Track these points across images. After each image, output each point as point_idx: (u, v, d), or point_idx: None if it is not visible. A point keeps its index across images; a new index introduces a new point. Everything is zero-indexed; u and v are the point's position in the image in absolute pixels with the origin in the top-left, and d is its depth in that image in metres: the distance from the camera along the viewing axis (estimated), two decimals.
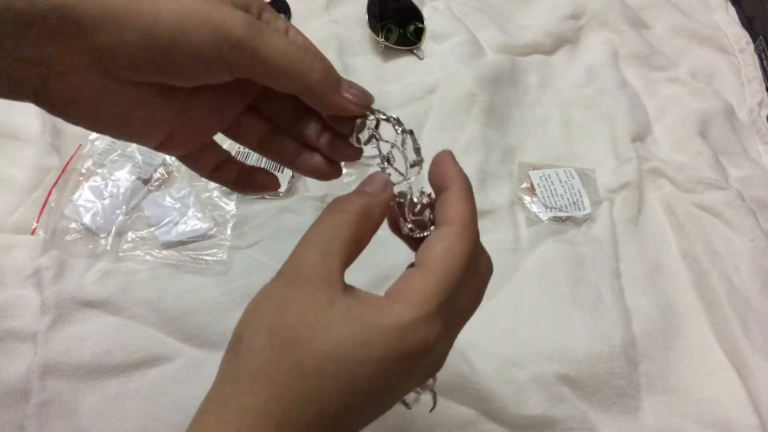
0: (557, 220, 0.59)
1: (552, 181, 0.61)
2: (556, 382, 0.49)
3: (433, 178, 0.31)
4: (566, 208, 0.59)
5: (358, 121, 0.32)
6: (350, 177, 0.59)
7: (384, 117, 0.32)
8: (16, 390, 0.45)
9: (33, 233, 0.53)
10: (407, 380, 0.29)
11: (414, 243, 0.32)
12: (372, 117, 0.32)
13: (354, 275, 0.29)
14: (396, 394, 0.29)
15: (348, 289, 0.28)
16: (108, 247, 0.53)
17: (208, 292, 0.51)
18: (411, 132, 0.32)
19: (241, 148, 0.49)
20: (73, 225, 0.53)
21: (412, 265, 0.30)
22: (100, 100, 0.28)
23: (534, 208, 0.60)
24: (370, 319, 0.27)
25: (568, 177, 0.61)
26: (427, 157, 0.32)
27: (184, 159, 0.34)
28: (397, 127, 0.32)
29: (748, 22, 0.77)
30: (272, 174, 0.37)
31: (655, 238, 0.59)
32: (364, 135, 0.33)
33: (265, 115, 0.34)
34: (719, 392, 0.50)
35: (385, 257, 0.52)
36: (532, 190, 0.61)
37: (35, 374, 0.46)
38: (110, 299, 0.50)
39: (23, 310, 0.49)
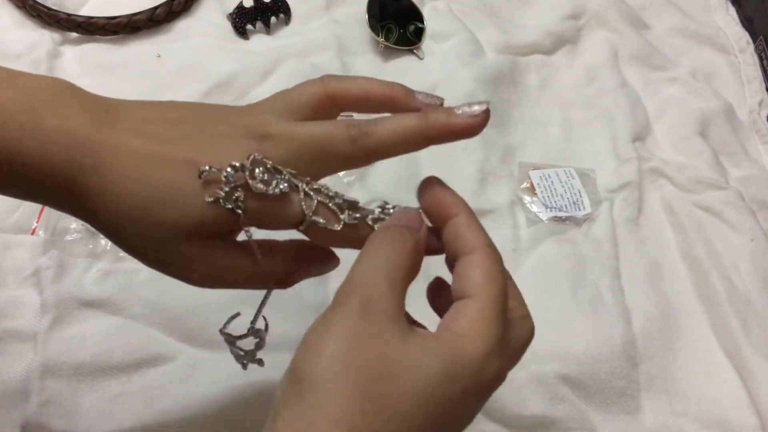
0: (557, 220, 0.59)
1: (552, 181, 0.61)
2: (556, 382, 0.49)
3: (430, 206, 0.31)
4: (566, 208, 0.59)
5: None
6: (350, 177, 0.59)
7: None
8: (16, 390, 0.45)
9: (33, 233, 0.53)
10: (478, 410, 0.28)
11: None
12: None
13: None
14: (466, 423, 0.28)
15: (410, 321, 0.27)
16: (108, 247, 0.53)
17: (208, 292, 0.50)
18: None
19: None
20: (73, 225, 0.53)
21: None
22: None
23: (534, 208, 0.60)
24: (448, 353, 0.26)
25: (568, 177, 0.61)
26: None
27: None
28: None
29: (748, 22, 0.77)
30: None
31: (655, 238, 0.59)
32: None
33: None
34: (719, 392, 0.50)
35: None
36: (532, 190, 0.61)
37: (35, 374, 0.46)
38: (110, 299, 0.49)
39: (23, 310, 0.48)
